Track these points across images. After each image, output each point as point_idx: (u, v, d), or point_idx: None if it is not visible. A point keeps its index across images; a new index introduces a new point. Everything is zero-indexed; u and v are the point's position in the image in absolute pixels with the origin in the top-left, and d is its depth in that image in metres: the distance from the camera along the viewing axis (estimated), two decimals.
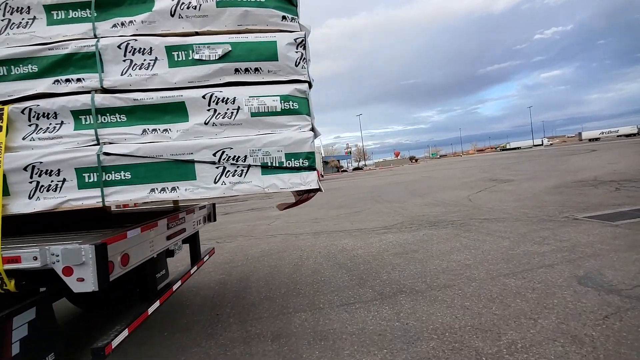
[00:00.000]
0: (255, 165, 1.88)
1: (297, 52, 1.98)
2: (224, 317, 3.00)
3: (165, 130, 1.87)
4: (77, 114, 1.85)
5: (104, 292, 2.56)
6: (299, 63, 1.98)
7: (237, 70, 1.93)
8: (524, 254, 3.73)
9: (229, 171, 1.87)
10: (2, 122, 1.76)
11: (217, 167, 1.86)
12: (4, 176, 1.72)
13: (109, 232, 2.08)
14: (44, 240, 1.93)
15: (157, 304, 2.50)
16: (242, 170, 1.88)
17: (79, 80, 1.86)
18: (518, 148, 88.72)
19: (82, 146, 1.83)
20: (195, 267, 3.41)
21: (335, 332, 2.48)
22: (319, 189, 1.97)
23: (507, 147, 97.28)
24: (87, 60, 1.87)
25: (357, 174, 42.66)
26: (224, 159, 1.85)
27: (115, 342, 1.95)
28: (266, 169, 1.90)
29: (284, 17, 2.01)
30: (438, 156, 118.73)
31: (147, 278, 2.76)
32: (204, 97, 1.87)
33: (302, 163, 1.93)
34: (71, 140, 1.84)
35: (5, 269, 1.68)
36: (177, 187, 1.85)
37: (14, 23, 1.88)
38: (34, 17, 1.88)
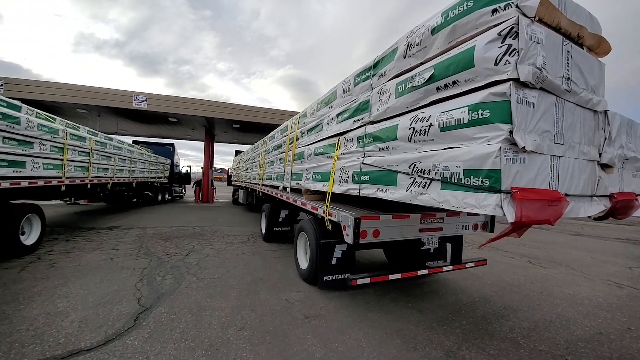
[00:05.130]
0: (436, 180, 1.93)
1: (500, 46, 1.62)
2: (453, 325, 3.02)
3: (387, 147, 2.52)
4: (359, 139, 3.09)
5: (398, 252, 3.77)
6: (501, 59, 1.61)
7: (438, 89, 2.03)
8: None
9: (416, 181, 2.10)
10: (338, 145, 3.48)
11: (410, 178, 2.17)
12: (335, 171, 3.41)
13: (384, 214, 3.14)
14: (349, 209, 3.45)
15: (398, 275, 3.28)
16: (426, 182, 2.02)
17: (362, 119, 3.08)
18: None
19: (357, 158, 3.06)
20: (449, 267, 3.66)
21: None
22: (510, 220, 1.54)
23: None
24: (365, 105, 3.02)
25: None
26: (414, 171, 2.12)
27: (359, 281, 3.07)
28: (445, 183, 1.87)
29: (494, 11, 1.71)
30: None
31: (396, 253, 3.63)
32: (410, 119, 2.24)
33: (482, 182, 1.62)
34: (355, 155, 3.14)
35: (329, 218, 3.39)
36: (387, 190, 2.45)
37: (345, 91, 3.51)
38: (350, 84, 3.38)
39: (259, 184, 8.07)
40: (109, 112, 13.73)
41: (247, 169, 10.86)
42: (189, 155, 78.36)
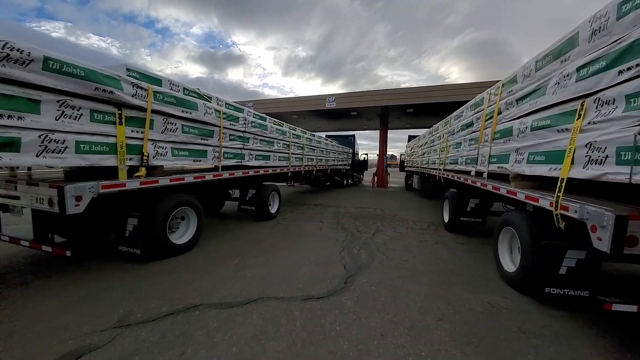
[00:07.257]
0: None
1: None
2: None
3: None
4: (629, 97, 2.03)
5: None
6: None
7: None
8: None
9: None
10: (582, 111, 2.47)
11: None
12: (574, 148, 2.47)
13: None
14: (590, 202, 2.43)
15: None
16: None
17: (637, 65, 1.98)
18: None
19: (626, 126, 2.02)
20: None
21: None
22: None
23: None
24: None
25: None
26: None
27: (616, 307, 2.11)
28: None
29: None
30: None
31: None
32: None
33: None
34: (620, 122, 2.10)
35: (561, 213, 2.51)
36: None
37: (598, 31, 2.37)
38: (611, 18, 2.22)
39: (439, 169, 7.46)
40: (310, 114, 17.31)
41: (423, 154, 10.35)
42: (363, 144, 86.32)
